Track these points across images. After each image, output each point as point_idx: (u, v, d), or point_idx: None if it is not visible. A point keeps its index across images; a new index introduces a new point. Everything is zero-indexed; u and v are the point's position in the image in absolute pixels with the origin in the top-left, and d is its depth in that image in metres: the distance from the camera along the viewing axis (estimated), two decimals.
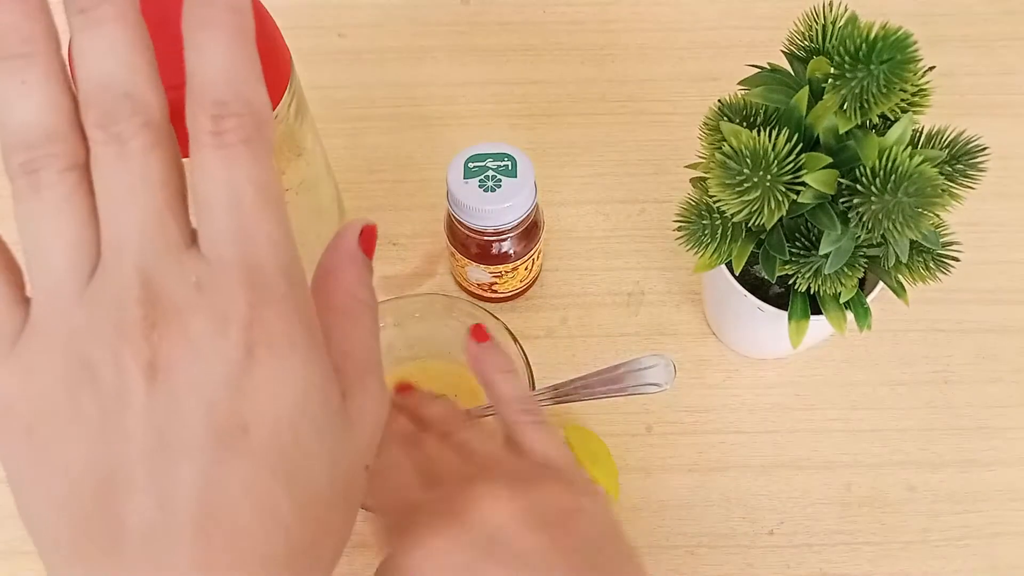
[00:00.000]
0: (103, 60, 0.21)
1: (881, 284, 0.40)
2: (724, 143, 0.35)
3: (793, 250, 0.37)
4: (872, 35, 0.31)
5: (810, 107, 0.35)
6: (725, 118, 0.38)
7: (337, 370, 0.23)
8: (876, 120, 0.35)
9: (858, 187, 0.33)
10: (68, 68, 0.21)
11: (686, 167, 0.41)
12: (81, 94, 0.21)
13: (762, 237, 0.38)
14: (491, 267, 0.46)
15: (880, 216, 0.33)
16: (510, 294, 0.49)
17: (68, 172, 0.21)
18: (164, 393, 0.20)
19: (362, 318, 0.25)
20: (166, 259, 0.21)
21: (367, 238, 0.26)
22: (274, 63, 0.35)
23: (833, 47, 0.34)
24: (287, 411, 0.21)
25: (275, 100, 0.36)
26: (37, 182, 0.20)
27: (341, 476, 0.23)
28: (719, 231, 0.38)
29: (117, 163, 0.21)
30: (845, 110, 0.33)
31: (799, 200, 0.35)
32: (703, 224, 0.38)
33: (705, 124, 0.39)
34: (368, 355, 0.25)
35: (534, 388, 0.42)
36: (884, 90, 0.32)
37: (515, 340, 0.43)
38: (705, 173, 0.38)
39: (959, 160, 0.36)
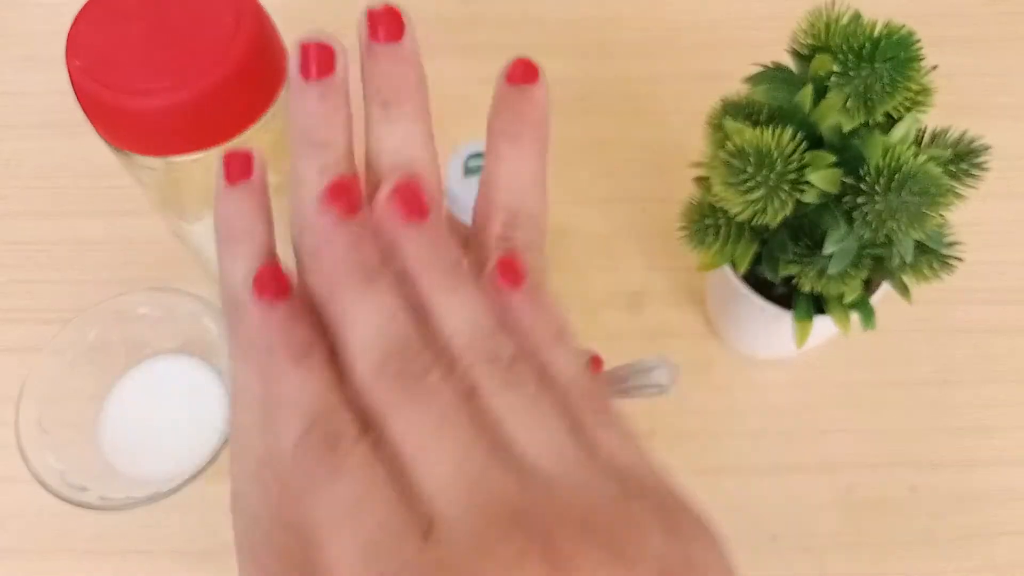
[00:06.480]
0: (401, 152, 0.23)
1: (885, 284, 0.40)
2: (728, 142, 0.35)
3: (797, 250, 0.37)
4: (876, 33, 0.31)
5: (814, 105, 0.35)
6: (728, 116, 0.38)
7: None
8: (880, 119, 0.35)
9: (862, 186, 0.33)
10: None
11: (689, 166, 0.41)
12: (372, 177, 0.23)
13: (766, 237, 0.38)
14: None
15: (884, 216, 0.33)
16: None
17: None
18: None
19: None
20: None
21: (592, 368, 0.26)
22: (270, 62, 0.35)
23: (837, 45, 0.33)
24: None
25: (271, 99, 0.35)
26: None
27: None
28: (722, 231, 0.38)
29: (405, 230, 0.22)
30: (849, 108, 0.33)
31: (803, 199, 0.35)
32: (706, 224, 0.38)
33: (708, 122, 0.39)
34: None
35: None
36: (888, 88, 0.32)
37: None
38: (708, 172, 0.38)
39: (963, 159, 0.36)
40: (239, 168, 0.23)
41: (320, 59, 0.23)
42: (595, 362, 0.27)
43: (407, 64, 0.24)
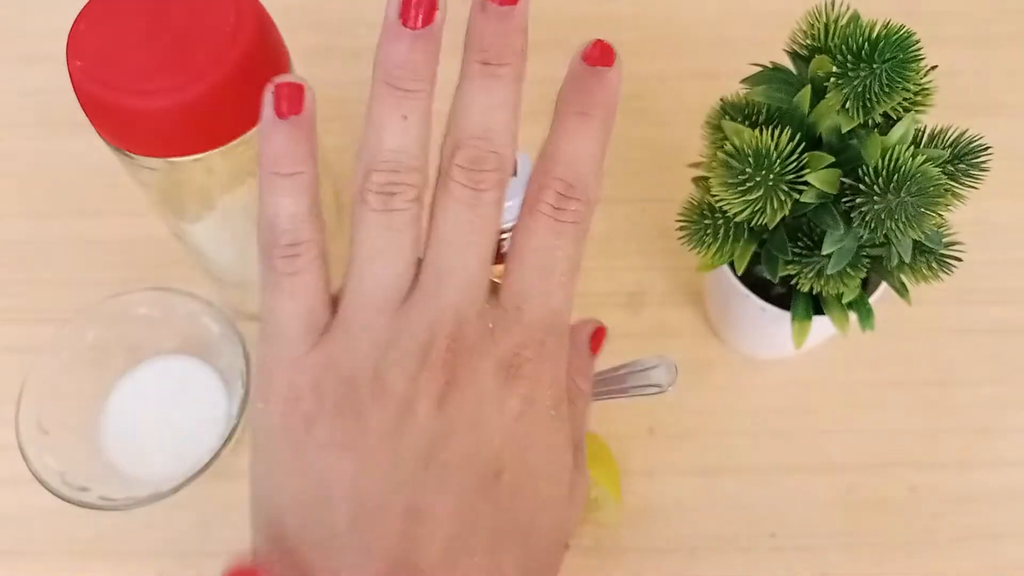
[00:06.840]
0: (490, 113, 0.24)
1: (884, 284, 0.40)
2: (726, 142, 0.35)
3: (796, 250, 0.37)
4: (875, 34, 0.31)
5: (812, 106, 0.35)
6: (727, 117, 0.38)
7: None
8: (879, 119, 0.35)
9: (861, 187, 0.33)
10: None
11: (688, 166, 0.41)
12: (454, 132, 0.24)
13: (764, 237, 0.38)
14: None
15: (883, 216, 0.33)
16: None
17: (415, 202, 0.23)
18: (443, 423, 0.22)
19: (578, 404, 0.26)
20: (476, 303, 0.23)
21: (596, 338, 0.28)
22: (271, 62, 0.35)
23: (835, 46, 0.33)
24: (537, 466, 0.23)
25: None
26: (389, 203, 0.23)
27: (555, 543, 0.24)
28: (721, 231, 0.38)
29: (468, 208, 0.23)
30: (847, 109, 0.33)
31: (802, 200, 0.35)
32: (705, 224, 0.38)
33: (707, 123, 0.39)
34: (582, 439, 0.26)
35: None
36: (887, 89, 0.32)
37: None
38: (707, 172, 0.38)
39: (962, 159, 0.36)
40: (290, 100, 0.23)
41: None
42: (599, 333, 0.28)
43: (516, 30, 0.24)
